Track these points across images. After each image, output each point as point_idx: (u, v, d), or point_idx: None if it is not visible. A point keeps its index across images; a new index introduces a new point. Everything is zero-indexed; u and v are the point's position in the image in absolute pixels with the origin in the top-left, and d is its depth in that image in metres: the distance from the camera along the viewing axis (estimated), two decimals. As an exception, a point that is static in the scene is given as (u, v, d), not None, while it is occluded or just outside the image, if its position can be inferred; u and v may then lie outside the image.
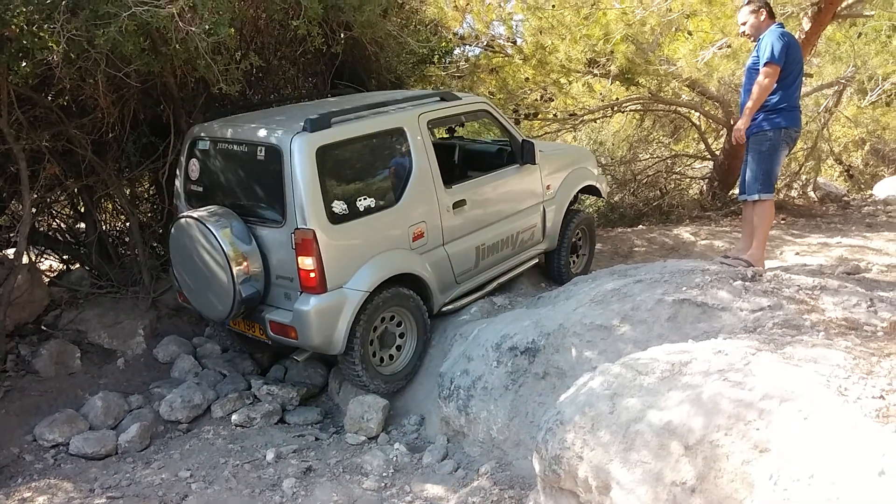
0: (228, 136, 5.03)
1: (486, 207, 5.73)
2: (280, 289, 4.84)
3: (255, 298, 4.84)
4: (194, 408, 5.17)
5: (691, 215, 10.04)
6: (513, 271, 6.14)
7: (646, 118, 11.91)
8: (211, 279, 4.85)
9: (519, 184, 6.04)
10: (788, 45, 4.92)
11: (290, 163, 4.56)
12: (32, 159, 5.66)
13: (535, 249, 6.33)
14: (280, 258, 4.76)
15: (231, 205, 4.97)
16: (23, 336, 5.72)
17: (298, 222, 4.57)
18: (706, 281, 4.41)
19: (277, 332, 4.83)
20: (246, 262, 4.73)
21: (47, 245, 6.91)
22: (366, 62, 7.19)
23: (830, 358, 2.98)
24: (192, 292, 5.16)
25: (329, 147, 4.69)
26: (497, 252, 5.87)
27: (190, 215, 4.88)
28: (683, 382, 3.02)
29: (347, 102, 5.60)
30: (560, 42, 8.97)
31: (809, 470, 2.33)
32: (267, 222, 4.80)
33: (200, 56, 4.81)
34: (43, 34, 4.52)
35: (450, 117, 5.80)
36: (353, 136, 4.87)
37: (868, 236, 7.76)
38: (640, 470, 2.83)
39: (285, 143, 4.60)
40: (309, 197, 4.55)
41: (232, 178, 5.08)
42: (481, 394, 4.56)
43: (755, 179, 5.13)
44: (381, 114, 5.13)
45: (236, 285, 4.70)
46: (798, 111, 5.18)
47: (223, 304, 4.85)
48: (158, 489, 4.29)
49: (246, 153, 4.88)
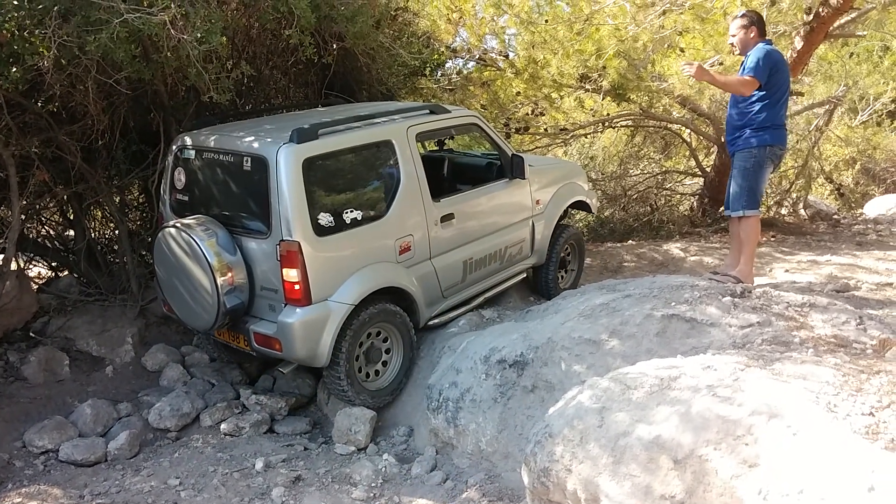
0: (214, 146, 4.98)
1: (475, 221, 5.71)
2: (265, 300, 4.80)
3: (239, 309, 4.79)
4: (183, 416, 5.13)
5: (681, 231, 10.07)
6: (500, 286, 6.11)
7: (637, 134, 11.97)
8: (195, 289, 4.80)
9: (508, 198, 6.02)
10: (775, 62, 4.98)
11: (276, 174, 4.51)
12: (22, 165, 5.63)
13: (524, 264, 6.30)
14: (265, 269, 4.72)
15: (216, 215, 4.92)
16: (11, 343, 5.68)
17: (284, 234, 4.53)
18: (695, 297, 4.41)
19: (262, 344, 4.78)
20: (231, 273, 4.68)
21: (36, 252, 6.87)
22: (357, 73, 7.19)
23: (820, 375, 2.99)
24: (177, 302, 5.09)
25: (316, 159, 4.65)
26: (485, 266, 5.84)
27: (174, 224, 4.83)
28: (672, 397, 3.01)
29: (336, 114, 5.57)
30: (552, 57, 9.02)
31: (799, 485, 2.32)
32: (252, 233, 4.76)
33: (192, 64, 4.81)
34: (34, 39, 4.51)
35: (439, 130, 5.79)
36: (341, 148, 4.84)
37: (858, 255, 7.79)
38: (629, 483, 2.81)
39: (271, 153, 4.55)
40: (295, 209, 4.51)
41: (218, 187, 5.04)
42: (470, 406, 4.55)
43: (740, 196, 5.16)
44: (369, 126, 5.09)
45: (220, 296, 4.65)
46: (784, 129, 5.23)
47: (207, 314, 4.80)
48: (148, 496, 4.25)
49: (232, 163, 4.84)
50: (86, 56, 4.56)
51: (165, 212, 5.39)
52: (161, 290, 5.24)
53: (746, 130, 5.08)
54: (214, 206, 5.02)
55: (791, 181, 11.02)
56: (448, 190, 5.81)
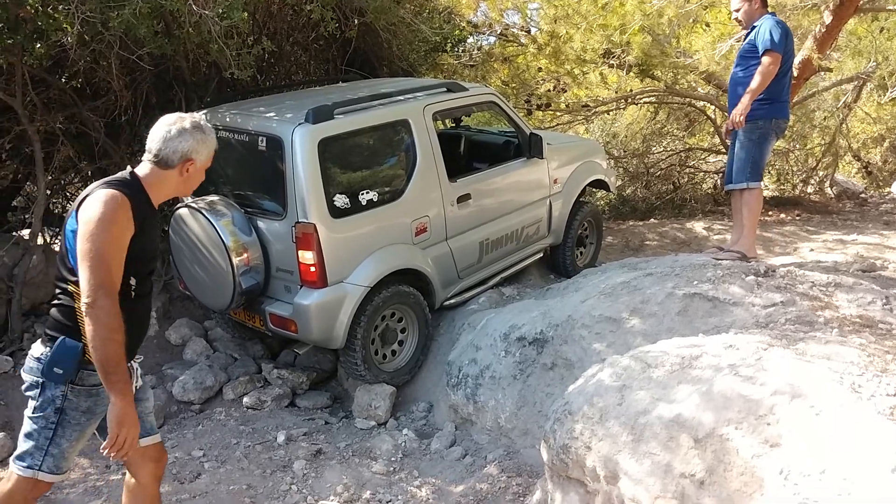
0: (230, 125, 4.92)
1: (492, 202, 5.64)
2: (280, 281, 4.79)
3: (255, 290, 4.79)
4: (206, 389, 5.20)
5: (704, 209, 9.99)
6: (516, 266, 6.06)
7: (660, 111, 11.82)
8: (211, 270, 4.79)
9: (526, 178, 5.94)
10: (785, 34, 4.86)
11: (292, 155, 4.47)
12: (47, 141, 5.69)
13: (541, 244, 6.24)
14: (280, 251, 4.69)
15: (232, 195, 4.90)
16: (38, 315, 5.76)
17: (299, 215, 4.50)
18: (718, 275, 4.38)
19: (277, 325, 4.80)
20: (246, 254, 4.66)
21: (62, 226, 6.94)
22: (378, 49, 7.16)
23: (844, 355, 2.95)
24: (193, 282, 5.09)
25: (331, 139, 4.60)
26: (501, 247, 5.79)
27: (190, 205, 4.78)
28: (693, 376, 3.00)
29: (352, 92, 5.49)
30: (576, 31, 8.90)
31: (821, 465, 2.31)
32: (268, 214, 4.73)
33: (213, 40, 4.80)
34: (58, 15, 4.53)
35: (456, 109, 5.71)
36: (357, 128, 4.78)
37: (885, 234, 7.69)
38: (648, 461, 2.81)
39: (287, 134, 4.50)
40: (310, 190, 4.48)
41: (233, 167, 5.01)
42: (489, 383, 4.56)
43: (744, 168, 5.06)
44: (386, 105, 5.01)
45: (236, 276, 4.63)
46: (787, 103, 5.15)
47: (223, 294, 4.79)
48: (172, 467, 4.33)
49: (247, 143, 4.78)
50: (108, 32, 4.57)
51: None
52: (177, 270, 5.24)
53: (753, 102, 4.91)
54: (230, 186, 5.00)
55: (818, 159, 10.85)
56: (465, 169, 5.77)
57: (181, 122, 2.67)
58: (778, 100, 4.98)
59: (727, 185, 5.31)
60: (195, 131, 2.68)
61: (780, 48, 4.78)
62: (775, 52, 4.76)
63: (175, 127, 2.66)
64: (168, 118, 2.70)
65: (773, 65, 4.79)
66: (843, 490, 2.21)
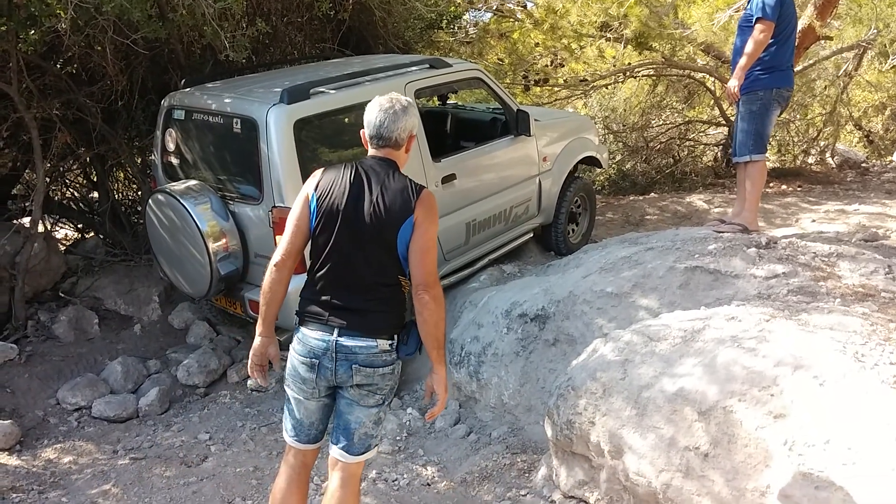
0: (203, 107, 4.75)
1: (478, 182, 5.50)
2: (260, 267, 4.59)
3: (234, 276, 4.69)
4: (211, 372, 5.20)
5: (705, 183, 9.95)
6: (507, 246, 5.94)
7: (659, 84, 11.73)
8: (188, 256, 4.68)
9: (513, 156, 5.79)
10: (780, 1, 4.74)
11: (267, 137, 4.32)
12: (44, 128, 5.66)
13: (531, 223, 6.10)
14: (258, 236, 4.57)
15: (208, 179, 4.77)
16: (41, 303, 5.77)
17: (276, 199, 4.35)
18: (719, 248, 4.37)
19: (256, 311, 4.74)
20: (223, 240, 4.55)
21: (62, 214, 6.94)
22: (373, 28, 7.09)
23: (847, 324, 2.96)
24: (171, 269, 5.00)
25: (308, 120, 4.46)
26: (489, 227, 5.65)
27: (164, 190, 4.68)
28: (696, 349, 3.00)
29: (333, 70, 5.29)
30: (572, 5, 8.83)
31: (825, 435, 2.32)
32: (245, 198, 4.60)
33: (207, 23, 4.76)
34: (51, 1, 4.48)
35: (440, 86, 5.54)
36: (334, 108, 4.64)
37: (887, 203, 7.66)
38: (653, 435, 2.83)
39: (261, 115, 4.35)
40: (286, 173, 4.33)
41: (208, 150, 4.86)
42: (492, 360, 4.57)
43: (746, 140, 4.97)
44: (365, 83, 4.85)
45: (213, 263, 4.53)
46: (790, 70, 5.03)
47: (201, 281, 4.70)
48: (179, 451, 4.36)
49: (221, 125, 4.64)
50: (102, 17, 4.52)
51: (157, 176, 5.22)
52: (155, 257, 5.14)
53: (752, 72, 4.85)
54: (206, 170, 4.84)
55: (818, 129, 10.79)
56: (451, 148, 5.63)
57: (394, 103, 2.76)
58: (779, 68, 4.87)
59: (733, 158, 5.24)
60: (410, 107, 2.79)
61: (772, 16, 4.69)
62: (767, 21, 4.68)
63: (393, 109, 2.75)
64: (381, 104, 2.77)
65: (764, 33, 4.70)
66: (848, 459, 2.22)
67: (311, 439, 2.97)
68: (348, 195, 2.71)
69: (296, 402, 2.92)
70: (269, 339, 2.94)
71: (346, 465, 2.89)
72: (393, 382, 2.86)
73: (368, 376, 2.76)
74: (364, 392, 2.80)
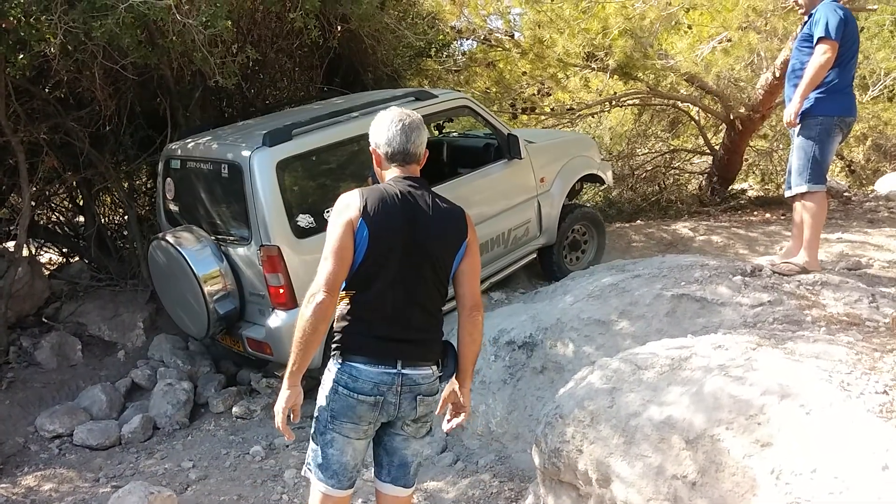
0: (195, 155, 5.01)
1: (471, 207, 5.38)
2: (255, 305, 4.83)
3: (232, 315, 4.84)
4: (186, 403, 5.14)
5: (690, 210, 10.02)
6: (508, 269, 5.99)
7: (644, 113, 11.88)
8: (185, 299, 4.87)
9: (508, 179, 5.85)
10: (845, 20, 4.34)
11: (251, 179, 4.50)
12: (31, 152, 5.65)
13: (533, 245, 6.17)
14: (251, 275, 4.74)
15: (203, 223, 4.97)
16: (24, 328, 5.73)
17: (263, 239, 4.53)
18: (705, 276, 4.40)
19: (254, 349, 4.83)
20: (218, 282, 4.72)
21: (47, 238, 6.91)
22: (362, 56, 7.16)
23: (832, 353, 2.97)
24: (173, 311, 5.22)
25: (290, 160, 4.63)
26: (487, 252, 5.69)
27: (160, 236, 4.91)
28: (683, 377, 3.01)
29: (319, 110, 5.42)
30: (558, 36, 8.92)
31: (812, 464, 2.32)
32: (237, 240, 4.79)
33: (197, 48, 4.80)
34: (40, 26, 4.50)
35: (426, 117, 5.59)
36: (316, 147, 4.78)
37: (869, 232, 7.73)
38: (640, 464, 2.82)
39: (244, 159, 4.54)
40: (272, 213, 4.49)
41: (202, 196, 5.06)
42: (479, 387, 4.56)
43: (803, 169, 4.51)
44: (346, 121, 4.97)
45: (209, 304, 4.70)
46: (853, 96, 4.62)
47: (199, 323, 4.87)
48: (162, 479, 4.32)
49: (211, 171, 4.86)
50: (92, 42, 4.55)
51: (160, 222, 5.46)
52: (161, 298, 5.35)
53: (811, 95, 4.41)
54: (201, 215, 5.04)
55: (801, 159, 10.90)
56: (448, 175, 5.71)
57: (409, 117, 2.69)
58: (841, 92, 4.47)
59: (786, 191, 4.76)
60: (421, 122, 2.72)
61: (836, 36, 4.28)
62: (831, 41, 4.27)
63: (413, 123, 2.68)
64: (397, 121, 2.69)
65: (827, 54, 4.28)
66: (835, 488, 2.23)
67: (352, 483, 2.75)
68: (404, 221, 2.55)
69: (343, 444, 2.66)
70: (299, 388, 2.69)
71: (407, 499, 2.82)
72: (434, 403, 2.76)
73: (429, 405, 2.69)
74: (419, 425, 2.72)
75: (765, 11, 7.80)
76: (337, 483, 2.69)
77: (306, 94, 7.36)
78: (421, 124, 2.68)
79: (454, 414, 2.80)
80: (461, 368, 2.74)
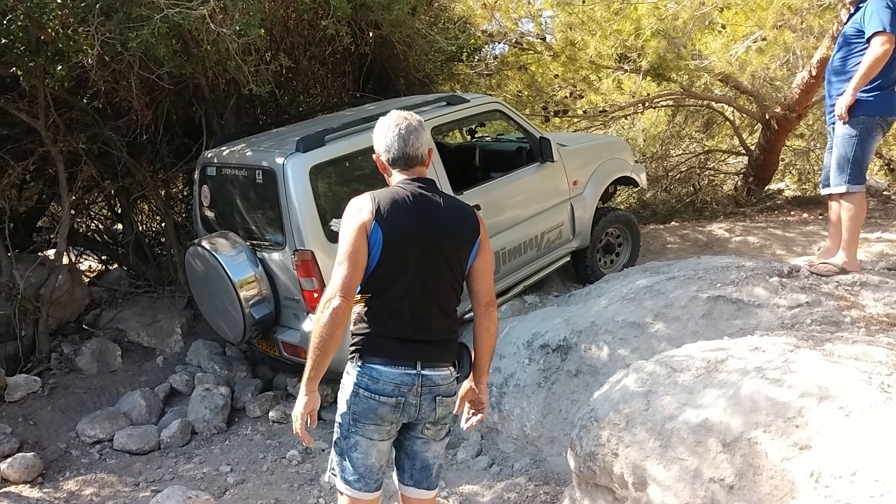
0: (230, 161, 5.07)
1: (504, 211, 5.56)
2: (290, 310, 4.88)
3: (268, 320, 4.89)
4: (224, 408, 5.20)
5: (725, 211, 9.89)
6: (542, 272, 5.97)
7: (677, 114, 11.75)
8: (222, 304, 4.93)
9: (540, 183, 5.84)
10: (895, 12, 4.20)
11: (285, 185, 4.54)
12: (70, 161, 5.77)
13: (566, 248, 6.13)
14: (285, 280, 4.78)
15: (238, 229, 5.03)
16: (65, 335, 5.84)
17: (297, 244, 4.57)
18: (741, 277, 4.34)
19: (290, 353, 4.88)
20: (253, 287, 4.78)
21: (86, 246, 7.05)
22: (394, 61, 7.19)
23: (872, 355, 2.92)
24: (210, 316, 5.29)
25: (323, 165, 4.67)
26: (520, 255, 5.69)
27: (197, 243, 4.98)
28: (720, 380, 2.97)
29: (352, 116, 5.48)
30: (590, 38, 8.89)
31: (852, 467, 2.28)
32: (272, 245, 4.83)
33: (231, 57, 4.86)
34: (78, 37, 4.59)
35: (458, 121, 5.66)
36: (349, 153, 4.81)
37: (909, 231, 7.57)
38: (677, 467, 2.79)
39: (278, 165, 4.59)
40: (305, 217, 4.54)
41: (237, 202, 5.12)
42: (514, 391, 4.55)
43: (843, 168, 4.42)
44: None
45: (244, 310, 4.76)
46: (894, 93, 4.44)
47: (236, 327, 4.94)
48: (201, 483, 4.37)
49: (246, 177, 4.92)
50: (128, 52, 4.63)
51: (196, 228, 5.53)
52: (198, 304, 5.43)
53: None
54: (237, 221, 5.10)
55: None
56: (480, 179, 5.72)
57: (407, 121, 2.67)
58: (885, 91, 4.35)
59: (823, 189, 4.71)
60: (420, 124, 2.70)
61: (892, 29, 4.16)
62: (887, 34, 4.15)
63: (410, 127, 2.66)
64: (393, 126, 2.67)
65: (885, 46, 4.17)
66: (876, 491, 2.18)
67: (379, 486, 2.74)
68: (417, 222, 2.56)
69: (368, 446, 2.65)
70: (317, 394, 2.67)
71: (431, 501, 2.84)
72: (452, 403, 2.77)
73: (448, 407, 2.70)
74: (439, 427, 2.74)
75: (800, 9, 7.68)
76: (364, 486, 2.69)
77: (339, 100, 7.42)
78: (419, 126, 2.66)
79: (472, 412, 2.83)
80: (478, 365, 2.76)
